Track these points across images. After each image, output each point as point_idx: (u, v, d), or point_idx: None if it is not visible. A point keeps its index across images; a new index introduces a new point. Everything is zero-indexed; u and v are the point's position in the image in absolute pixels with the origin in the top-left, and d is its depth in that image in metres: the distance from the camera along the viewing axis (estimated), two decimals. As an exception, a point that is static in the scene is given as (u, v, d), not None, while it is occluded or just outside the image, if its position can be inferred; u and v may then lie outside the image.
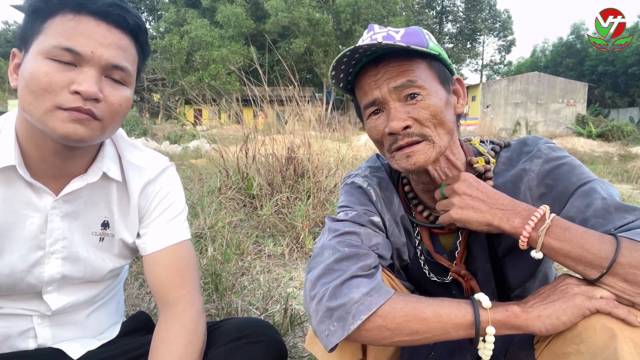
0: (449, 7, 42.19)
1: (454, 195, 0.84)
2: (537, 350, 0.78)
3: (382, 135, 0.87)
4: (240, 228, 3.14)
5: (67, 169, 0.87)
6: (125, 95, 0.82)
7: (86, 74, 0.76)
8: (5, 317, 0.89)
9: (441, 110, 0.84)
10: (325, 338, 0.77)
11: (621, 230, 0.74)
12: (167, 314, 0.90)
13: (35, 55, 0.75)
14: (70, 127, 0.76)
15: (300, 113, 4.56)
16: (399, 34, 0.86)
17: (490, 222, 0.79)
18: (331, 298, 0.78)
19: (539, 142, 0.91)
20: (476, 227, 0.82)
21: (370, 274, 0.82)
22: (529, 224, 0.75)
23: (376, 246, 0.91)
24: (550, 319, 0.71)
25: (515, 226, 0.77)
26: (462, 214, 0.82)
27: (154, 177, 0.97)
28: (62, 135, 0.76)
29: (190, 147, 11.05)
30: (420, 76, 0.83)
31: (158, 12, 37.96)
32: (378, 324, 0.75)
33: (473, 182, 0.84)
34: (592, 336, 0.67)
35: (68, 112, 0.75)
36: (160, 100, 25.86)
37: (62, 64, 0.75)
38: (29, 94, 0.75)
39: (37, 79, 0.74)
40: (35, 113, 0.75)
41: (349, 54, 0.82)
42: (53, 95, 0.74)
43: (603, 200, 0.78)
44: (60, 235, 0.89)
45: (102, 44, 0.77)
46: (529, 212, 0.77)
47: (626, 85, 34.67)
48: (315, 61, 27.65)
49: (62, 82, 0.74)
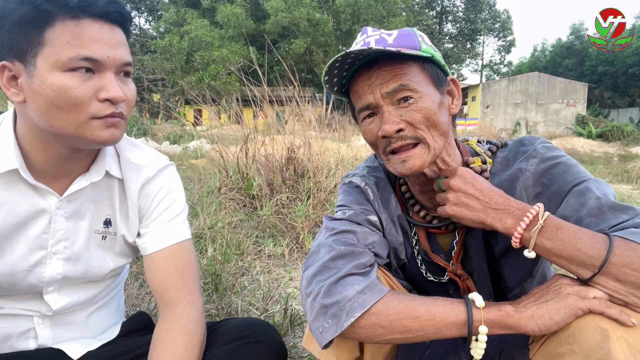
0: (449, 7, 42.23)
1: (449, 191, 0.85)
2: (532, 350, 0.79)
3: (377, 138, 0.88)
4: (240, 228, 3.14)
5: (70, 169, 0.87)
6: (134, 88, 0.85)
7: (108, 79, 0.77)
8: (6, 318, 0.90)
9: (434, 113, 0.84)
10: (320, 335, 0.78)
11: (615, 229, 0.74)
12: (167, 314, 0.90)
13: (50, 70, 0.73)
14: (108, 132, 0.79)
15: (300, 113, 4.56)
16: (391, 37, 0.86)
17: (483, 220, 0.81)
18: (326, 295, 0.78)
19: (535, 141, 0.92)
20: (470, 224, 0.84)
21: (366, 272, 0.83)
22: (520, 225, 0.76)
23: (372, 245, 0.91)
24: (543, 319, 0.71)
25: (508, 226, 0.78)
26: (456, 210, 0.84)
27: (152, 176, 0.97)
28: (102, 142, 0.79)
29: (190, 147, 11.04)
30: (413, 79, 0.84)
31: (158, 12, 37.99)
32: (371, 321, 0.76)
33: (469, 178, 0.84)
34: (585, 336, 0.68)
35: (104, 120, 0.78)
36: (160, 101, 25.86)
37: (82, 74, 0.75)
38: (57, 110, 0.75)
39: (64, 95, 0.74)
40: (68, 127, 0.77)
41: (340, 59, 0.83)
42: (84, 107, 0.76)
43: (597, 199, 0.79)
44: (63, 236, 0.89)
45: (112, 46, 0.77)
46: (522, 211, 0.78)
47: (626, 85, 34.69)
48: (315, 61, 27.66)
49: (89, 93, 0.76)
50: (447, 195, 0.85)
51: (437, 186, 0.90)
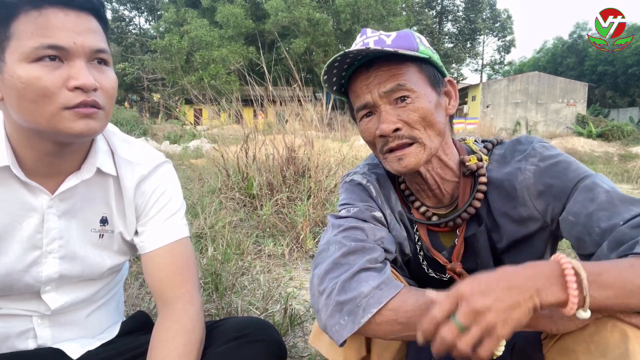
0: (449, 7, 42.19)
1: (477, 317, 0.60)
2: (546, 346, 0.78)
3: (374, 137, 0.89)
4: (240, 228, 3.14)
5: (61, 167, 0.86)
6: (113, 77, 0.81)
7: (77, 67, 0.74)
8: (5, 318, 0.89)
9: (431, 113, 0.86)
10: (336, 332, 0.77)
11: (630, 223, 0.73)
12: (166, 312, 0.90)
13: (17, 63, 0.72)
14: (82, 124, 0.75)
15: (301, 113, 4.56)
16: (390, 38, 0.88)
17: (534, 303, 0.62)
18: (340, 292, 0.78)
19: (532, 140, 0.92)
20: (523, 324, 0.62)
21: (379, 268, 0.82)
22: (570, 286, 0.61)
23: (381, 240, 0.91)
24: (563, 320, 0.69)
25: (558, 296, 0.62)
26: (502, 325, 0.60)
27: (148, 174, 0.96)
28: (77, 134, 0.76)
29: (191, 147, 11.05)
30: (410, 79, 0.85)
31: (158, 11, 37.96)
32: (389, 317, 0.75)
33: (470, 282, 0.65)
34: (603, 335, 0.66)
35: (75, 110, 0.74)
36: (160, 100, 25.88)
37: (49, 64, 0.73)
38: (28, 103, 0.73)
39: (32, 87, 0.72)
40: (41, 120, 0.74)
41: (339, 59, 0.85)
42: (54, 97, 0.73)
43: (607, 193, 0.78)
44: (57, 235, 0.89)
45: (79, 32, 0.74)
46: (553, 270, 0.63)
47: (626, 85, 34.67)
48: (315, 61, 27.65)
49: (57, 82, 0.73)
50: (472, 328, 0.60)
51: (458, 327, 0.61)
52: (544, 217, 0.88)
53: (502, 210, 0.91)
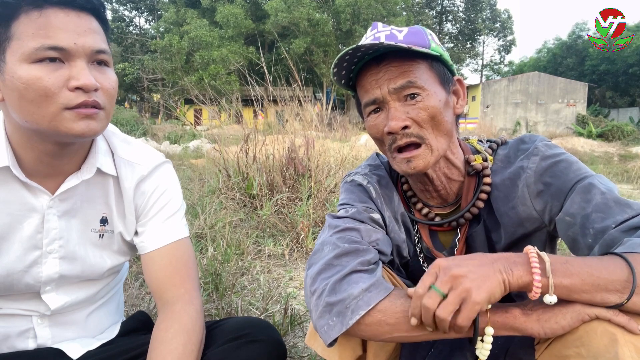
0: (449, 7, 42.19)
1: (454, 283, 0.68)
2: (538, 351, 0.78)
3: (382, 134, 0.88)
4: (240, 228, 3.14)
5: (61, 167, 0.86)
6: (114, 78, 0.82)
7: (78, 67, 0.74)
8: (5, 318, 0.89)
9: (440, 112, 0.85)
10: (325, 332, 0.78)
11: (623, 226, 0.73)
12: (166, 313, 0.90)
13: (18, 64, 0.72)
14: (83, 124, 0.76)
15: (301, 113, 4.56)
16: (402, 34, 0.87)
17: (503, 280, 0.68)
18: (331, 293, 0.79)
19: (535, 139, 0.92)
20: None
21: (370, 270, 0.83)
22: (534, 271, 0.67)
23: (376, 242, 0.91)
24: (549, 323, 0.70)
25: (521, 275, 0.68)
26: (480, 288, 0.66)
27: (147, 174, 0.96)
28: (78, 134, 0.76)
29: (191, 147, 11.04)
30: (421, 77, 0.84)
31: (158, 12, 37.98)
32: (377, 318, 0.76)
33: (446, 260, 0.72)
34: (593, 339, 0.67)
35: (76, 111, 0.75)
36: (160, 100, 25.87)
37: (50, 64, 0.73)
38: (28, 103, 0.73)
39: (33, 87, 0.72)
40: (42, 120, 0.74)
41: (351, 52, 0.83)
42: (55, 98, 0.73)
43: (602, 195, 0.79)
44: (57, 235, 0.89)
45: (79, 33, 0.75)
46: (519, 256, 0.69)
47: (626, 85, 34.66)
48: (315, 61, 27.65)
49: (58, 82, 0.73)
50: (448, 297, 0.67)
51: (438, 292, 0.68)
52: (542, 217, 0.88)
53: (503, 210, 0.91)
